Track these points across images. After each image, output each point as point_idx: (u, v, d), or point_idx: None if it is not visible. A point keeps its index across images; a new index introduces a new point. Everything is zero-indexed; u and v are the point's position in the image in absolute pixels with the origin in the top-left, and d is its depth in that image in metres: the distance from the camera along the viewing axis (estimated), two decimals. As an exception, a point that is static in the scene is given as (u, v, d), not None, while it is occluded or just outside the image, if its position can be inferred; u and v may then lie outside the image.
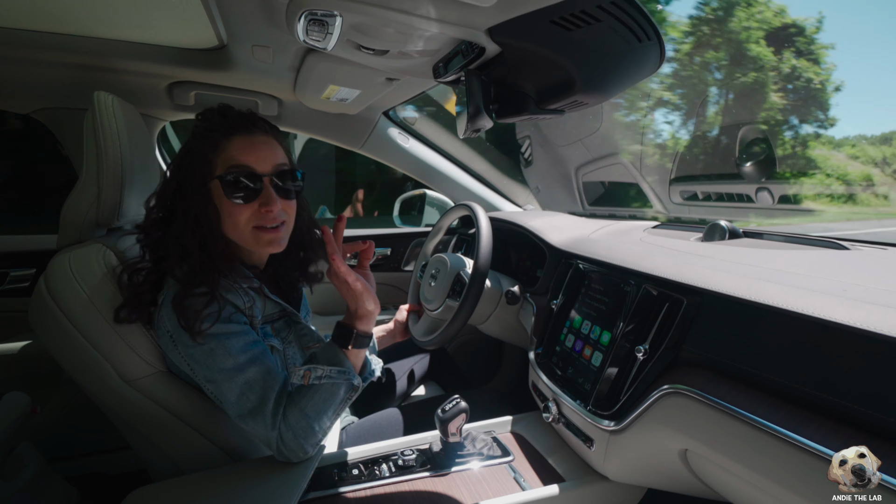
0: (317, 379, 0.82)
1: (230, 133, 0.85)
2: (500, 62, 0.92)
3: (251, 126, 0.88)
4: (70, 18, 1.09)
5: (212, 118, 0.87)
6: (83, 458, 1.53)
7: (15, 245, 1.55)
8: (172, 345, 0.83)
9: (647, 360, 0.79)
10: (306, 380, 0.82)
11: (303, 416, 0.81)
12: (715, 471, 0.69)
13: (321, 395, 0.83)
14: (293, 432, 0.81)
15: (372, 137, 1.84)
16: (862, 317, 0.52)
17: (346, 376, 0.84)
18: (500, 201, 2.07)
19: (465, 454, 0.95)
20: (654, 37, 0.81)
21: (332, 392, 0.83)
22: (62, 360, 0.88)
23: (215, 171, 0.84)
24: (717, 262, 0.82)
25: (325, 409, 0.83)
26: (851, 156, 8.04)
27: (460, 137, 1.08)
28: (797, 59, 7.96)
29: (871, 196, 6.23)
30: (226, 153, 0.84)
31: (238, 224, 0.86)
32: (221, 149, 0.85)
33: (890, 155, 7.66)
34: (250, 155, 0.85)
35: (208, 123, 0.87)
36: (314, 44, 0.89)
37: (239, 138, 0.85)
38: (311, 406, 0.82)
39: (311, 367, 0.83)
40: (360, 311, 0.86)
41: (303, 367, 0.84)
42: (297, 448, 0.82)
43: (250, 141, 0.86)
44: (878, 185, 7.04)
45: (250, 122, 0.88)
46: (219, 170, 0.84)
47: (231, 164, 0.84)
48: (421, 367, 1.52)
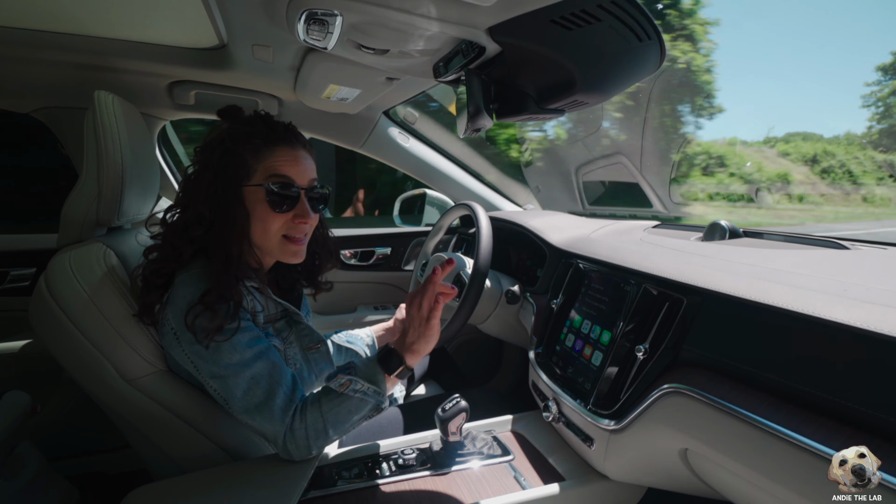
0: (352, 392, 0.82)
1: (275, 143, 0.88)
2: (501, 61, 0.92)
3: (294, 140, 0.91)
4: (70, 17, 1.09)
5: (255, 123, 0.88)
6: (83, 457, 1.53)
7: (15, 244, 1.55)
8: (176, 342, 0.83)
9: (648, 360, 0.79)
10: (343, 388, 0.82)
11: (321, 419, 0.82)
12: (715, 470, 0.69)
13: (347, 407, 0.83)
14: (306, 431, 0.81)
15: (372, 137, 1.84)
16: (862, 316, 0.52)
17: (380, 398, 0.84)
18: (500, 201, 2.07)
19: (465, 453, 0.95)
20: (654, 36, 0.81)
21: (359, 407, 0.83)
22: (62, 359, 0.88)
23: (253, 177, 0.86)
24: (718, 262, 0.82)
25: (345, 419, 0.83)
26: (782, 152, 7.88)
27: (460, 137, 1.08)
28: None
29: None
30: (268, 162, 0.86)
31: (270, 231, 0.89)
32: (264, 157, 0.87)
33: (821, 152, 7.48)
34: (293, 167, 0.88)
35: (251, 128, 0.87)
36: (314, 43, 0.89)
37: (283, 149, 0.88)
38: (334, 413, 0.82)
39: (353, 378, 0.83)
40: (418, 347, 0.85)
41: (345, 375, 0.83)
42: (304, 447, 0.82)
43: (294, 154, 0.89)
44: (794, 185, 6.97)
45: (294, 136, 0.91)
46: (258, 177, 0.86)
47: (273, 174, 0.86)
48: (421, 367, 1.52)
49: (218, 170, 0.85)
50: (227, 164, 0.85)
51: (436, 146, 1.97)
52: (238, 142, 0.86)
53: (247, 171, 0.86)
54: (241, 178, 0.85)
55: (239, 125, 0.88)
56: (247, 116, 0.91)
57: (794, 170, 7.70)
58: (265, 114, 0.91)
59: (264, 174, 0.86)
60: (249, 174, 0.86)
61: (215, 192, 0.85)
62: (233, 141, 0.86)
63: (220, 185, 0.85)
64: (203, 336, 0.79)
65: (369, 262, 2.02)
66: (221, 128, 0.89)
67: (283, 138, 0.89)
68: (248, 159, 0.86)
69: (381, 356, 0.86)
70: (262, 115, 0.91)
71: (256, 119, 0.90)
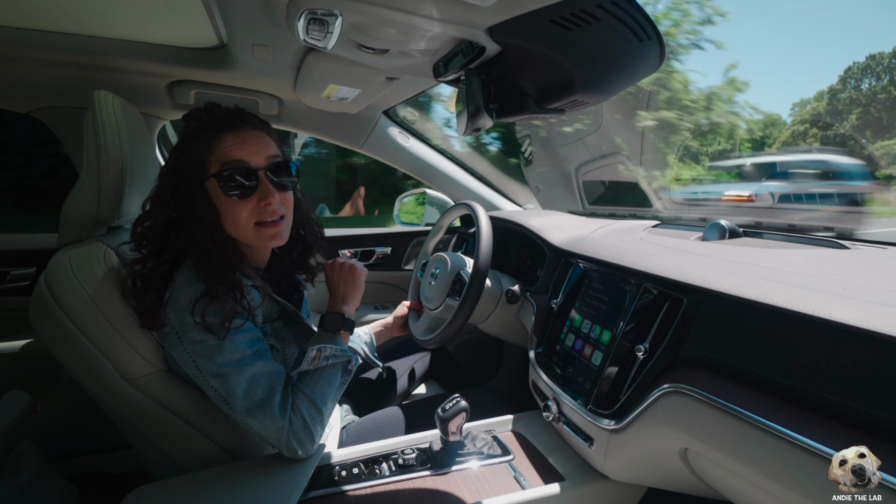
0: (325, 360, 0.88)
1: (221, 130, 0.86)
2: (501, 61, 0.92)
3: (240, 121, 0.88)
4: (70, 18, 1.09)
5: (200, 117, 0.88)
6: (83, 456, 1.53)
7: (15, 244, 1.55)
8: (178, 341, 0.82)
9: (648, 360, 0.79)
10: (316, 362, 0.87)
11: (310, 402, 0.85)
12: (715, 470, 0.69)
13: (325, 378, 0.88)
14: (303, 418, 0.83)
15: (372, 136, 1.84)
16: (862, 316, 0.52)
17: (347, 355, 0.91)
18: (500, 200, 2.07)
19: (465, 453, 0.95)
20: (653, 36, 0.81)
21: (333, 374, 0.89)
22: (62, 358, 0.88)
23: (210, 170, 0.85)
24: (718, 262, 0.82)
25: (329, 392, 0.87)
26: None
27: (460, 137, 1.08)
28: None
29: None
30: (219, 151, 0.85)
31: (239, 221, 0.87)
32: (213, 147, 0.85)
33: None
34: (242, 150, 0.86)
35: (198, 123, 0.87)
36: (314, 43, 0.89)
37: (230, 135, 0.86)
38: (319, 390, 0.86)
39: (321, 346, 0.88)
40: (347, 292, 1.02)
41: (312, 348, 0.87)
42: (307, 437, 0.83)
43: (241, 136, 0.87)
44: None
45: (239, 118, 0.89)
46: (213, 168, 0.85)
47: (225, 161, 0.84)
48: (421, 366, 1.52)
49: (177, 172, 0.86)
50: (184, 164, 0.85)
51: (436, 146, 1.97)
52: (188, 139, 0.86)
53: (202, 166, 0.85)
54: (199, 174, 0.85)
55: (188, 123, 0.89)
56: (193, 111, 0.89)
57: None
58: (210, 105, 0.90)
59: (217, 165, 0.85)
60: (206, 169, 0.85)
61: (179, 194, 0.85)
62: (184, 140, 0.87)
63: (181, 187, 0.85)
64: (218, 327, 0.80)
65: (369, 262, 2.02)
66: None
67: (229, 123, 0.87)
68: (199, 154, 0.85)
69: (321, 323, 0.96)
70: (207, 107, 0.89)
71: (201, 112, 0.88)
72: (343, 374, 0.91)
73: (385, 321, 1.39)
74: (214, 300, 0.80)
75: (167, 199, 0.86)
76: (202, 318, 0.79)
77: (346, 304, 1.00)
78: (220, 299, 0.81)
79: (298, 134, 2.55)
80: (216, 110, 0.88)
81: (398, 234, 2.05)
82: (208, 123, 0.86)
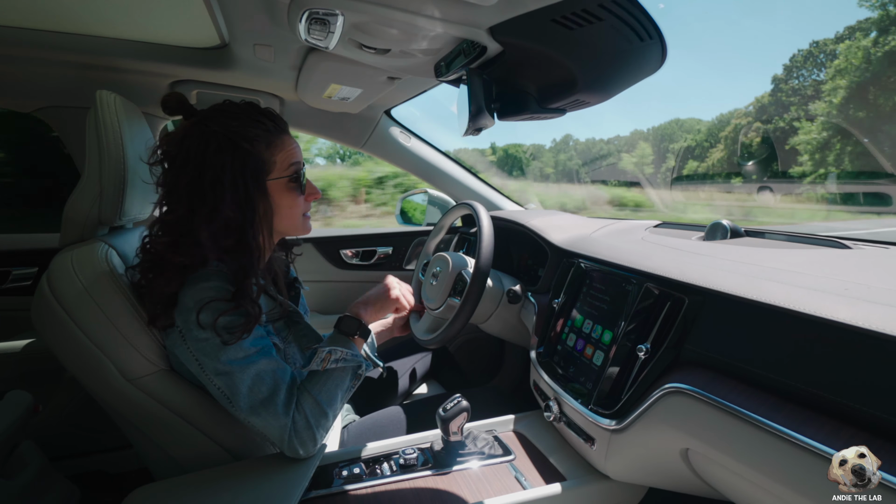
0: (335, 362, 0.88)
1: (280, 132, 0.91)
2: (502, 61, 0.92)
3: (286, 124, 0.94)
4: (72, 17, 1.09)
5: (260, 118, 0.88)
6: (85, 456, 1.54)
7: (17, 244, 1.56)
8: (181, 339, 0.82)
9: (649, 359, 0.79)
10: (325, 363, 0.87)
11: (315, 403, 0.85)
12: (716, 470, 0.69)
13: (333, 381, 0.88)
14: (307, 418, 0.83)
15: (374, 136, 1.84)
16: (864, 316, 0.52)
17: (359, 360, 0.91)
18: (501, 200, 2.07)
19: (466, 453, 0.95)
20: (655, 36, 0.81)
21: (342, 378, 0.89)
22: (64, 358, 0.88)
23: (273, 170, 0.88)
24: (719, 262, 0.82)
25: (335, 394, 0.87)
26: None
27: (461, 137, 1.08)
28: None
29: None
30: (284, 153, 0.90)
31: (296, 215, 0.94)
32: (278, 148, 0.89)
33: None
34: (298, 150, 0.93)
35: (259, 123, 0.88)
36: (316, 43, 0.90)
37: (288, 137, 0.92)
38: (325, 392, 0.86)
39: (332, 349, 0.88)
40: (376, 306, 1.03)
41: (323, 349, 0.88)
42: (309, 437, 0.83)
43: (291, 138, 0.93)
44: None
45: (283, 121, 0.94)
46: (279, 168, 0.89)
47: (292, 162, 0.90)
48: (423, 366, 1.53)
49: (236, 171, 0.83)
50: (246, 162, 0.84)
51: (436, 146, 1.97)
52: (250, 138, 0.85)
53: (266, 165, 0.87)
54: (264, 173, 0.87)
55: (240, 121, 0.86)
56: (242, 110, 0.88)
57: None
58: (256, 104, 0.91)
59: (284, 164, 0.89)
60: (269, 168, 0.88)
61: (239, 193, 0.84)
62: (244, 138, 0.84)
63: (243, 186, 0.84)
64: (229, 336, 0.80)
65: (371, 262, 2.02)
66: (205, 125, 0.85)
67: (283, 127, 0.92)
68: (264, 154, 0.87)
69: (338, 324, 0.96)
70: (257, 106, 0.90)
71: (256, 111, 0.89)
72: (352, 378, 0.91)
73: (385, 321, 1.39)
74: (239, 306, 0.81)
75: (228, 199, 0.83)
76: (213, 320, 0.79)
77: (367, 313, 1.01)
78: (245, 307, 0.82)
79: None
80: (270, 113, 0.91)
81: (399, 234, 2.06)
82: (268, 125, 0.89)
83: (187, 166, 0.83)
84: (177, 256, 0.82)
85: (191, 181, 0.82)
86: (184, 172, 0.83)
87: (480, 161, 7.64)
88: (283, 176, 0.89)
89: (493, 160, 10.42)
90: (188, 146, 0.83)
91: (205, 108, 0.89)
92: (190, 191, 0.83)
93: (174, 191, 0.84)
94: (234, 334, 0.80)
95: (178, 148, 0.84)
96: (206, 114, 0.87)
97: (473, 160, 5.74)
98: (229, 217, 0.83)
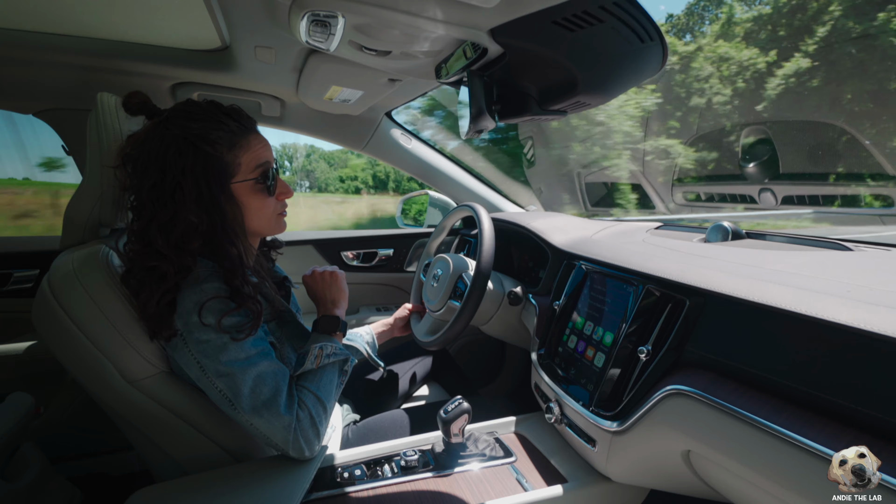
0: (327, 357, 0.89)
1: (246, 133, 0.87)
2: (503, 63, 0.92)
3: (253, 123, 0.91)
4: (74, 20, 1.10)
5: (222, 118, 0.85)
6: (86, 458, 1.54)
7: (18, 246, 1.56)
8: (182, 342, 0.81)
9: (650, 361, 0.79)
10: (318, 360, 0.88)
11: (316, 399, 0.86)
12: (718, 472, 0.69)
13: (327, 377, 0.89)
14: (310, 416, 0.84)
15: (374, 138, 1.84)
16: (865, 318, 0.52)
17: (346, 354, 0.93)
18: (502, 202, 2.07)
19: (467, 455, 0.95)
20: (656, 37, 0.81)
21: (333, 372, 0.91)
22: (65, 360, 0.88)
23: (238, 173, 0.86)
24: (720, 263, 0.82)
25: (330, 390, 0.89)
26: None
27: (463, 138, 1.08)
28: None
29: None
30: (249, 154, 0.87)
31: (269, 216, 0.92)
32: (242, 149, 0.86)
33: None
34: (266, 150, 0.90)
35: (220, 124, 0.84)
36: (317, 45, 0.90)
37: (254, 136, 0.89)
38: (322, 388, 0.88)
39: (322, 345, 0.90)
40: (335, 297, 1.03)
41: (314, 346, 0.89)
42: (314, 434, 0.84)
43: (259, 137, 0.90)
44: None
45: (251, 120, 0.91)
46: (245, 170, 0.86)
47: (259, 163, 0.87)
48: (423, 368, 1.52)
49: (198, 175, 0.81)
50: (207, 166, 0.82)
51: (437, 147, 1.97)
52: (211, 141, 0.82)
53: (229, 168, 0.84)
54: (227, 176, 0.84)
55: (201, 123, 0.83)
56: (205, 111, 0.85)
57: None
58: (216, 103, 0.88)
59: (250, 166, 0.86)
60: (233, 171, 0.85)
61: (202, 198, 0.82)
62: (204, 140, 0.82)
63: (205, 190, 0.81)
64: (237, 332, 0.81)
65: (372, 264, 2.02)
66: (166, 128, 0.82)
67: (250, 127, 0.89)
68: (226, 156, 0.84)
69: (315, 327, 0.98)
70: (221, 106, 0.87)
71: (219, 111, 0.86)
72: (340, 373, 0.92)
73: (386, 321, 1.39)
74: (241, 306, 0.81)
75: (189, 204, 0.81)
76: (217, 320, 0.79)
77: (337, 307, 1.02)
78: (246, 305, 0.82)
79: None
80: (235, 112, 0.88)
81: (400, 236, 2.06)
82: (232, 125, 0.85)
83: (148, 170, 0.81)
84: (150, 262, 0.81)
85: (153, 185, 0.81)
86: (146, 176, 0.81)
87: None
88: (248, 178, 0.86)
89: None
90: (149, 149, 0.81)
91: (167, 109, 0.87)
92: (152, 195, 0.81)
93: (139, 195, 0.83)
94: (242, 331, 0.81)
95: (140, 150, 0.82)
96: (168, 115, 0.84)
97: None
98: (193, 222, 0.81)
